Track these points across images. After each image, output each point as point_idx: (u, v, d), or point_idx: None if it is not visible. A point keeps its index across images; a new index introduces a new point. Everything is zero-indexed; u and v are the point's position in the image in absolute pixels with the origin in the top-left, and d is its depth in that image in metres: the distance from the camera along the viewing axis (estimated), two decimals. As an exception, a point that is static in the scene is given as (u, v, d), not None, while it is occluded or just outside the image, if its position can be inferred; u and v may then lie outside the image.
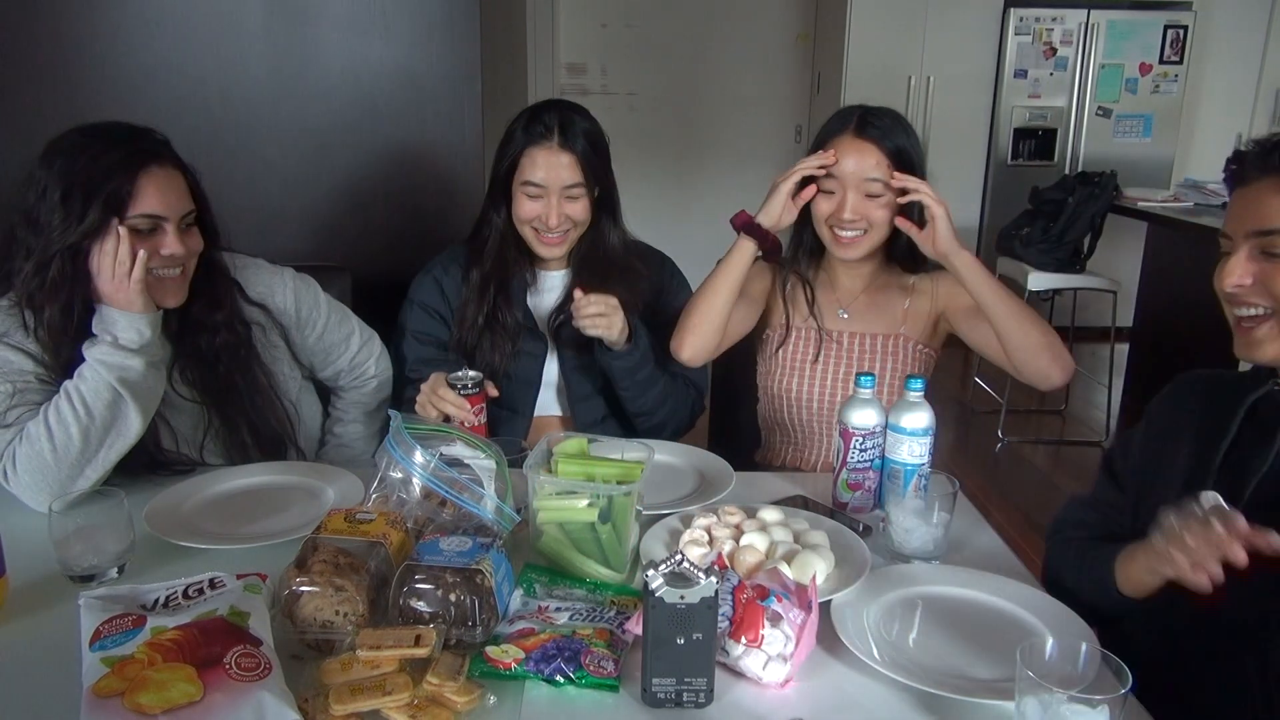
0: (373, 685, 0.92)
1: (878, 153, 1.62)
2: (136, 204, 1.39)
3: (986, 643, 1.08)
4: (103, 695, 0.84)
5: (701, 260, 1.70)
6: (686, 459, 1.58)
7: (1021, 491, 3.64)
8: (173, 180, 1.45)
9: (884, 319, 1.78)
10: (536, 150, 1.68)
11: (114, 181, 1.37)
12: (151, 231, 1.42)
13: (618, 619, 1.07)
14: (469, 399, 1.53)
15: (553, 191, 1.68)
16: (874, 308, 1.78)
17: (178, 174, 1.46)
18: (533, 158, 1.68)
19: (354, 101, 2.20)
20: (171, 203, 1.43)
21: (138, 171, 1.39)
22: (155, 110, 2.18)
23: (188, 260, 1.49)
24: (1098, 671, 0.92)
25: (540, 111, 1.71)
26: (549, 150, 1.67)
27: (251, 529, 1.32)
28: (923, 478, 1.38)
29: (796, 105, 6.13)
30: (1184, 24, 5.21)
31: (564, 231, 1.72)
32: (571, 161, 1.67)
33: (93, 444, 1.36)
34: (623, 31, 6.07)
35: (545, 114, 1.70)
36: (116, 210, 1.37)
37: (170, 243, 1.43)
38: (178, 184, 1.46)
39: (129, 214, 1.39)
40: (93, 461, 1.37)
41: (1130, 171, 4.66)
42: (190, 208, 1.48)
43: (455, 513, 1.16)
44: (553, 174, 1.67)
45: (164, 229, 1.43)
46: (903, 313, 1.77)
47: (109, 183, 1.37)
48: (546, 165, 1.67)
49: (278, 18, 2.15)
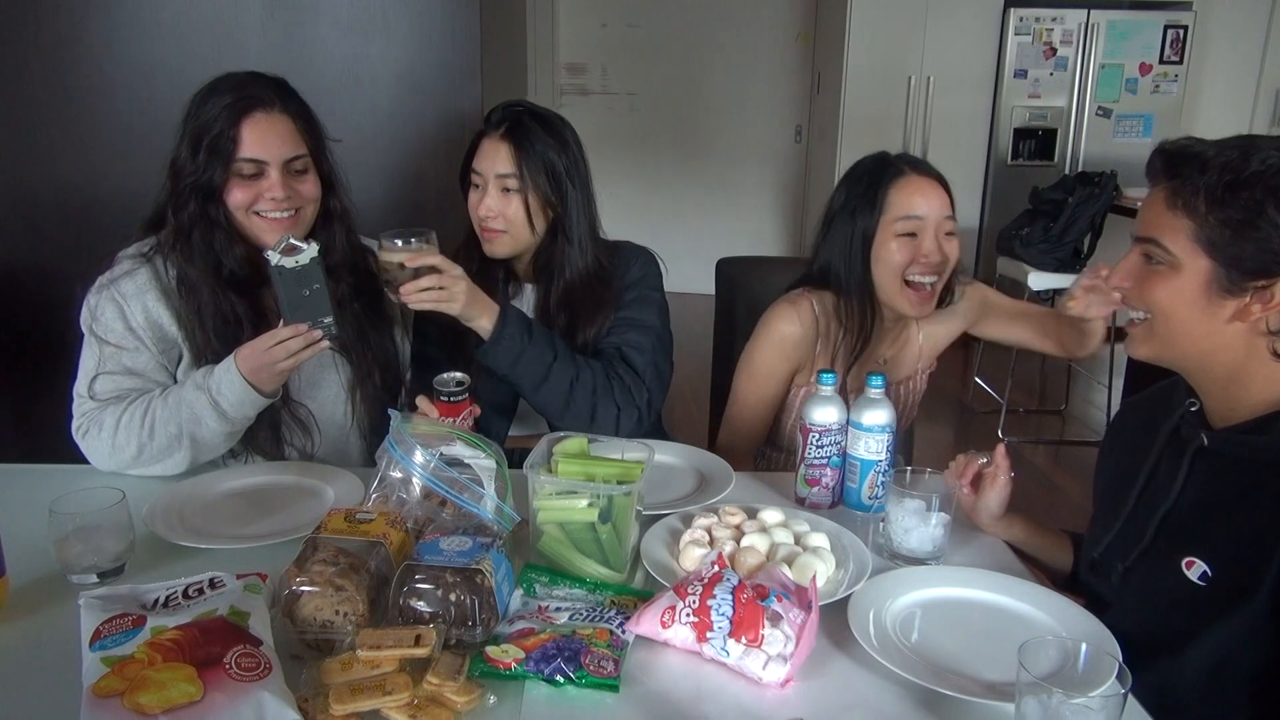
0: (373, 685, 0.92)
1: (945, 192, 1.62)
2: (240, 149, 1.46)
3: (986, 643, 1.08)
4: (103, 695, 0.84)
5: (701, 260, 1.70)
6: (686, 459, 1.58)
7: (1021, 491, 3.63)
8: (276, 125, 1.49)
9: (907, 362, 1.80)
10: (484, 139, 1.66)
11: (218, 127, 1.45)
12: (257, 175, 1.48)
13: (618, 619, 1.07)
14: (455, 405, 1.42)
15: (488, 180, 1.64)
16: (902, 352, 1.80)
17: (286, 119, 1.51)
18: (480, 147, 1.66)
19: (354, 101, 2.20)
20: (273, 147, 1.48)
21: (240, 118, 1.46)
22: (154, 110, 2.19)
23: (300, 205, 1.53)
24: (1098, 671, 0.92)
25: (499, 106, 1.68)
26: (492, 139, 1.64)
27: (251, 529, 1.32)
28: (880, 474, 1.39)
29: (796, 105, 6.14)
30: (1184, 24, 5.21)
31: (499, 228, 1.64)
32: (509, 154, 1.61)
33: (144, 459, 1.46)
34: (623, 31, 6.07)
35: (500, 108, 1.67)
36: (223, 154, 1.45)
37: (274, 186, 1.48)
38: (282, 129, 1.50)
39: (235, 158, 1.46)
40: (142, 468, 1.48)
41: (1130, 171, 4.62)
42: (297, 152, 1.51)
43: (455, 513, 1.16)
44: (489, 162, 1.63)
45: (267, 173, 1.48)
46: (918, 350, 1.79)
47: (214, 128, 1.45)
48: (486, 154, 1.64)
49: (278, 18, 2.15)
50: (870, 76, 5.23)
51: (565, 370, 1.59)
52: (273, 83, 1.53)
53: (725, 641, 1.00)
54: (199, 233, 1.49)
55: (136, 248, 1.54)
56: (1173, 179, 1.08)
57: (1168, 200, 1.08)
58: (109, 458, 1.47)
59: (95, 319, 1.50)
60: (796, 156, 6.23)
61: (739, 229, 6.23)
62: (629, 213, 1.84)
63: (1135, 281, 1.14)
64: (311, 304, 1.38)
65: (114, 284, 1.50)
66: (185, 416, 1.43)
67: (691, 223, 6.20)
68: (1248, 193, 1.02)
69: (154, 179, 1.55)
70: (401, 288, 1.48)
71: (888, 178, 1.61)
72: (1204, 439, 1.13)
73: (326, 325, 1.40)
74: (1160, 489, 1.18)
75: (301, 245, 1.38)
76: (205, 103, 1.48)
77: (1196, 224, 1.06)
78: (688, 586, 1.06)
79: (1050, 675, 0.91)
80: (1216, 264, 1.06)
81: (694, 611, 1.02)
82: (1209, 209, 1.05)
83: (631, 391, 1.64)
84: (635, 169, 6.12)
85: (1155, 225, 1.10)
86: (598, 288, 1.71)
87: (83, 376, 1.52)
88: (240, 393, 1.41)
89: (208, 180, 1.46)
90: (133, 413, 1.45)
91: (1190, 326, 1.09)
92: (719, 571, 1.08)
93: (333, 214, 1.62)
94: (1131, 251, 1.15)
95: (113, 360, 1.50)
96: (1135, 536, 1.19)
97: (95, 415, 1.47)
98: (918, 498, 1.26)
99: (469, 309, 1.53)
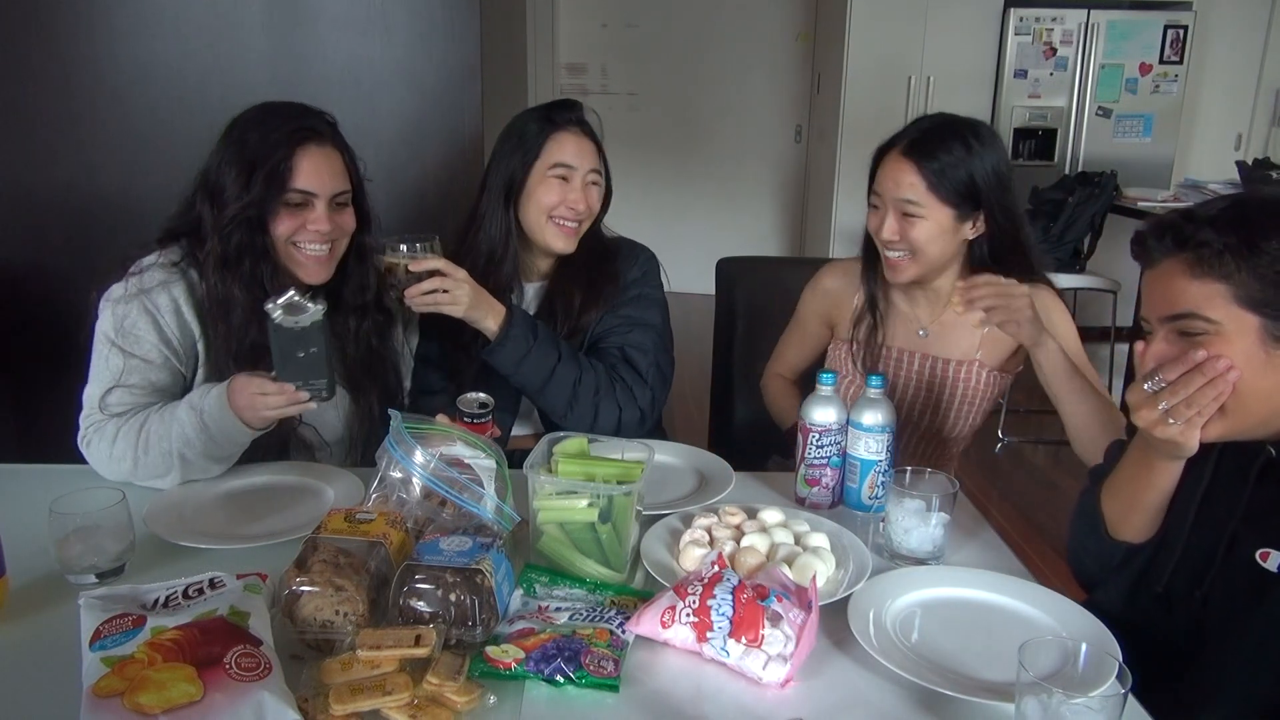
0: (373, 685, 0.92)
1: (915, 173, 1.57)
2: (293, 179, 1.46)
3: (987, 643, 1.08)
4: (103, 695, 0.84)
5: (701, 260, 1.70)
6: (686, 459, 1.58)
7: (1021, 491, 3.64)
8: (329, 160, 1.50)
9: (961, 344, 1.72)
10: (564, 135, 1.68)
11: (275, 156, 1.45)
12: (303, 206, 1.48)
13: (618, 619, 1.07)
14: (479, 425, 1.38)
15: (580, 173, 1.68)
16: (954, 329, 1.72)
17: (336, 154, 1.52)
18: (560, 142, 1.68)
19: (354, 101, 2.20)
20: (325, 180, 1.49)
21: (296, 148, 1.46)
22: (154, 110, 2.19)
23: (337, 238, 1.53)
24: (1098, 671, 0.92)
25: (560, 105, 1.72)
26: (576, 135, 1.69)
27: (251, 529, 1.32)
28: (880, 474, 1.39)
29: (796, 105, 6.13)
30: (1184, 24, 5.20)
31: (579, 220, 1.70)
32: (593, 150, 1.70)
33: (140, 474, 1.44)
34: (623, 31, 6.07)
35: (564, 107, 1.71)
36: (277, 183, 1.45)
37: (319, 219, 1.48)
38: (334, 164, 1.51)
39: (287, 188, 1.45)
40: (140, 481, 1.44)
41: (1130, 171, 4.66)
42: (344, 188, 1.52)
43: (455, 513, 1.16)
44: (581, 158, 1.68)
45: (314, 205, 1.48)
46: (980, 338, 1.70)
47: (271, 157, 1.45)
48: (576, 148, 1.68)
49: (278, 18, 2.15)
50: (870, 76, 5.23)
51: (569, 371, 1.61)
52: (323, 116, 1.54)
53: (725, 641, 1.00)
54: (249, 260, 1.47)
55: (165, 257, 1.51)
56: (1185, 249, 1.06)
57: (1190, 270, 1.06)
58: (108, 468, 1.45)
59: (121, 330, 1.46)
60: (796, 156, 6.23)
61: (739, 229, 6.23)
62: (629, 212, 1.84)
63: (1174, 364, 1.08)
64: (305, 366, 1.32)
65: (146, 294, 1.47)
66: (175, 435, 1.40)
67: (691, 223, 6.20)
68: (1276, 240, 1.02)
69: (154, 179, 1.55)
70: (406, 291, 1.49)
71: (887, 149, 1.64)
72: (1271, 451, 1.11)
73: (317, 388, 1.34)
74: (1222, 505, 1.16)
75: (307, 305, 1.30)
76: (255, 129, 1.47)
77: (1231, 285, 1.04)
78: (688, 586, 1.06)
79: (1050, 675, 0.91)
80: (1264, 317, 1.04)
81: (694, 611, 1.02)
82: (1239, 266, 1.03)
83: (634, 391, 1.66)
84: (635, 169, 6.11)
85: (1184, 299, 1.06)
86: (608, 267, 1.76)
87: (95, 385, 1.47)
88: (226, 423, 1.37)
89: (259, 209, 1.45)
90: (131, 425, 1.42)
91: (1257, 385, 1.06)
92: (719, 571, 1.08)
93: (366, 251, 1.61)
94: (1157, 333, 1.11)
95: (136, 374, 1.46)
96: (1207, 556, 1.16)
97: (101, 426, 1.45)
98: (918, 498, 1.26)
99: (473, 310, 1.54)
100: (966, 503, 1.43)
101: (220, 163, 1.47)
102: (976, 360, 1.71)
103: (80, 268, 1.55)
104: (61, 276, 1.54)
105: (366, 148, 2.23)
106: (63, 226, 2.25)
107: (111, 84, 2.16)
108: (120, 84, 2.16)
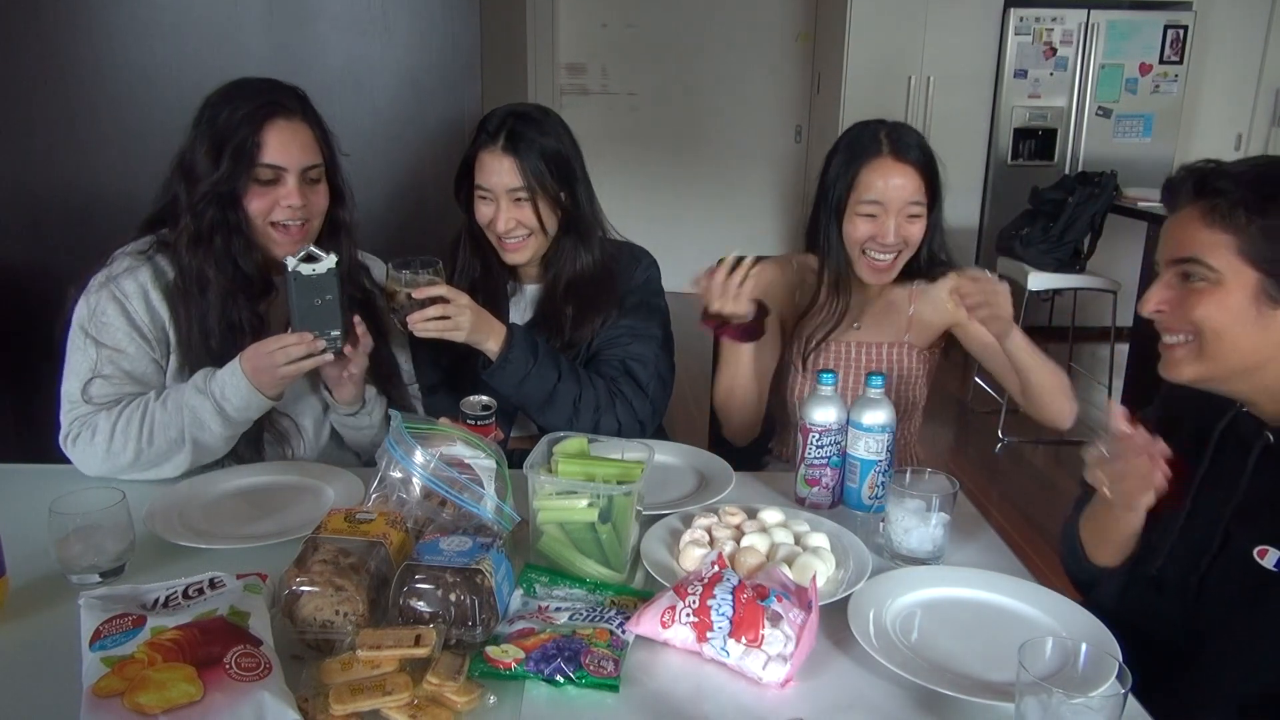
0: (373, 685, 0.92)
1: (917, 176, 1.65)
2: (262, 154, 1.45)
3: (987, 643, 1.08)
4: (103, 695, 0.84)
5: (701, 260, 1.69)
6: (686, 459, 1.58)
7: (1021, 491, 3.64)
8: (298, 134, 1.49)
9: (891, 328, 1.79)
10: (484, 154, 1.64)
11: (242, 132, 1.44)
12: (274, 182, 1.48)
13: (618, 619, 1.07)
14: (482, 428, 1.39)
15: (499, 195, 1.64)
16: (884, 316, 1.79)
17: (305, 128, 1.51)
18: (481, 162, 1.65)
19: (354, 102, 2.20)
20: (293, 155, 1.48)
21: (264, 123, 1.46)
22: (154, 111, 2.19)
23: (311, 215, 1.53)
24: (1098, 671, 0.92)
25: (490, 117, 1.68)
26: (493, 154, 1.63)
27: (251, 529, 1.32)
28: (880, 474, 1.39)
29: (796, 105, 6.14)
30: (1184, 24, 5.21)
31: (521, 237, 1.66)
32: (513, 166, 1.61)
33: (140, 464, 1.44)
34: (623, 31, 6.07)
35: (492, 120, 1.66)
36: (246, 159, 1.44)
37: (290, 194, 1.48)
38: (303, 138, 1.50)
39: (256, 163, 1.45)
40: (136, 473, 1.45)
41: (1130, 171, 4.65)
42: (314, 161, 1.52)
43: (455, 513, 1.16)
44: (496, 178, 1.63)
45: (284, 179, 1.48)
46: (907, 320, 1.78)
47: (238, 133, 1.44)
48: (491, 169, 1.63)
49: (278, 18, 2.15)
50: (870, 76, 5.23)
51: (570, 389, 1.61)
52: (292, 90, 1.53)
53: (725, 641, 1.00)
54: (220, 237, 1.48)
55: (135, 246, 1.53)
56: (1203, 197, 1.10)
57: (1204, 218, 1.09)
58: (102, 463, 1.44)
59: (92, 319, 1.47)
60: (796, 156, 6.23)
61: (739, 229, 6.22)
62: (629, 213, 1.84)
63: (1173, 305, 1.13)
64: (321, 315, 1.39)
65: (113, 282, 1.48)
66: (187, 420, 1.42)
67: (691, 223, 6.19)
68: None
69: (155, 179, 1.55)
70: (409, 317, 1.49)
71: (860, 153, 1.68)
72: (1269, 437, 1.13)
73: (333, 338, 1.40)
74: (1220, 490, 1.17)
75: (320, 255, 1.39)
76: (224, 107, 1.47)
77: (1238, 237, 1.07)
78: (688, 586, 1.06)
79: (1050, 675, 0.91)
80: (1264, 274, 1.07)
81: (694, 611, 1.02)
82: (1250, 221, 1.06)
83: (634, 405, 1.67)
84: (635, 169, 6.11)
85: (1193, 244, 1.10)
86: (604, 281, 1.73)
87: (73, 380, 1.47)
88: (245, 395, 1.41)
89: (229, 185, 1.45)
90: (129, 417, 1.43)
91: (1241, 341, 1.09)
92: (719, 571, 1.08)
93: (340, 226, 1.61)
94: (1163, 275, 1.15)
95: (110, 364, 1.46)
96: (1202, 544, 1.17)
97: (88, 419, 1.44)
98: (918, 498, 1.26)
99: (475, 334, 1.55)
100: (966, 503, 1.43)
101: (193, 142, 1.47)
102: (906, 342, 1.79)
103: (80, 268, 1.55)
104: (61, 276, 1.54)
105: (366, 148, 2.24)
106: (63, 226, 2.25)
107: (111, 84, 2.16)
108: (120, 84, 2.16)
